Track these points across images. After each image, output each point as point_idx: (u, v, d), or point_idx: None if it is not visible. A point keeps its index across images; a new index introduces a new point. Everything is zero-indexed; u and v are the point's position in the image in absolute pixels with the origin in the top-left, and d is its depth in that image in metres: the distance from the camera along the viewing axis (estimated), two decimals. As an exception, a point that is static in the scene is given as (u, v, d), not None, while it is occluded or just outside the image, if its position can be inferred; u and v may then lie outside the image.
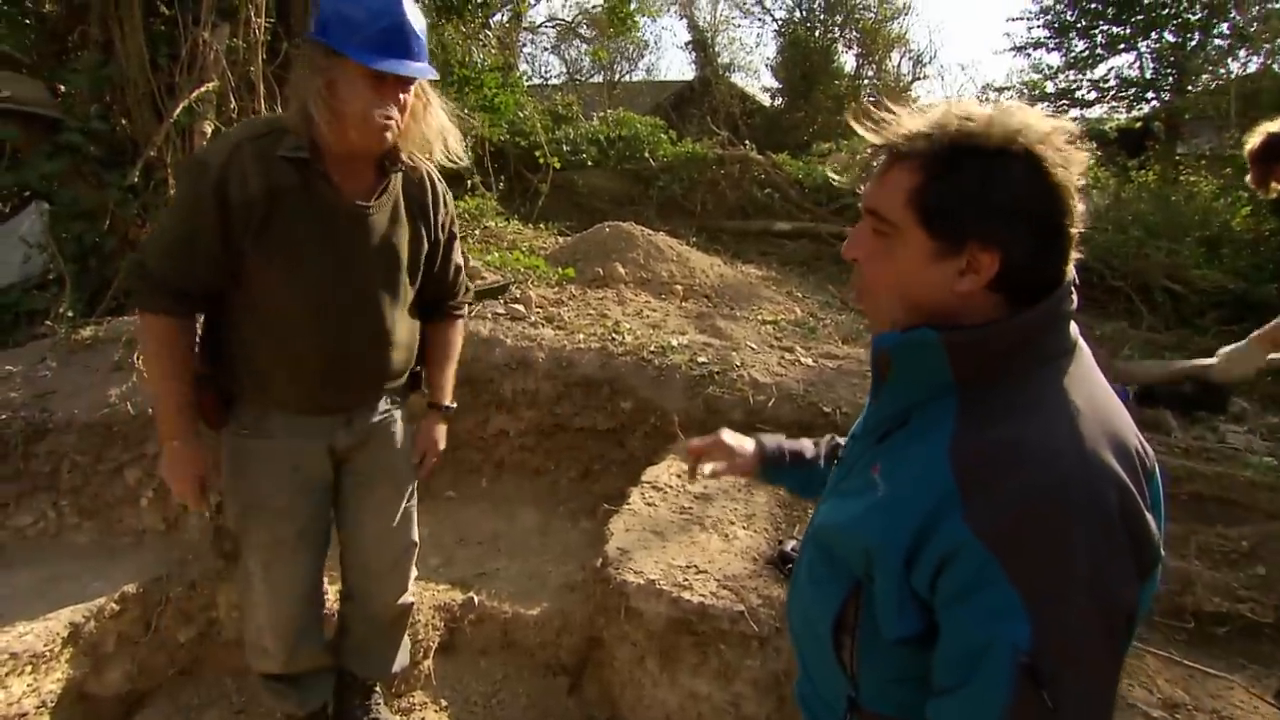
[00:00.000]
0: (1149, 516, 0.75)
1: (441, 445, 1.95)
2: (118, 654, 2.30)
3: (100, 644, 2.25)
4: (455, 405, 1.98)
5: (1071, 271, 0.81)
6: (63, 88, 3.58)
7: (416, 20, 1.50)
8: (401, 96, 1.49)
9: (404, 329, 1.73)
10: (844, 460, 1.00)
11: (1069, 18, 11.09)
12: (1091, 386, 0.81)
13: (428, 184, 1.72)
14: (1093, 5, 10.69)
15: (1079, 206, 0.77)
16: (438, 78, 1.58)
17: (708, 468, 1.27)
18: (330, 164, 1.53)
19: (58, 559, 2.46)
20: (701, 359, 3.42)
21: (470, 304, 1.90)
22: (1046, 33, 11.38)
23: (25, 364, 2.83)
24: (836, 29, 13.62)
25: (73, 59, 3.59)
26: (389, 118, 1.47)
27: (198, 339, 1.70)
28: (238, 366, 1.64)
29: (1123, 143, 9.82)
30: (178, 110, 3.23)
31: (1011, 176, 0.75)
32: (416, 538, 1.97)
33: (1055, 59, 11.54)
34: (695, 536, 2.47)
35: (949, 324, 0.80)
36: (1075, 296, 0.82)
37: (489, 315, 3.61)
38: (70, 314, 3.17)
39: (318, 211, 1.54)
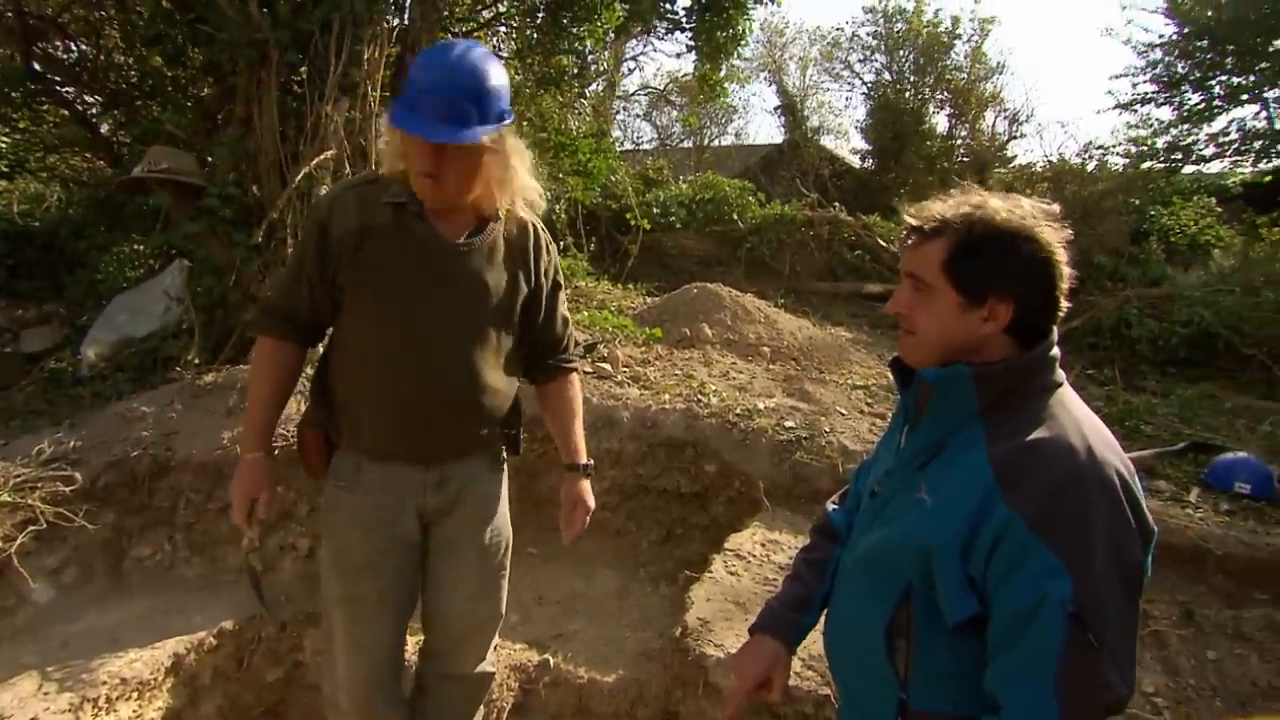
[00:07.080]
0: (1141, 499, 0.98)
1: (590, 504, 1.87)
2: (213, 688, 2.40)
3: (198, 676, 2.36)
4: (592, 462, 1.93)
5: (1055, 329, 1.07)
6: (209, 158, 4.00)
7: (471, 87, 1.50)
8: (447, 156, 1.51)
9: (494, 374, 1.71)
10: (879, 495, 1.17)
11: (1180, 70, 10.49)
12: (1083, 409, 1.05)
13: (530, 232, 1.74)
14: (1209, 56, 10.09)
15: (1066, 270, 1.03)
16: (466, 142, 1.51)
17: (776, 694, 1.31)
18: (429, 210, 1.62)
19: (169, 590, 2.62)
20: (789, 423, 3.34)
21: (580, 357, 1.88)
22: (1154, 87, 10.80)
23: (157, 405, 3.08)
24: (928, 90, 13.47)
25: (219, 134, 4.00)
26: (427, 176, 1.55)
27: (309, 382, 1.79)
28: (338, 410, 1.70)
29: (1249, 198, 9.16)
30: (299, 176, 3.54)
31: (1019, 250, 1.01)
32: (503, 609, 1.91)
33: (1166, 113, 10.89)
34: (779, 610, 2.36)
35: (974, 360, 1.05)
36: (1058, 346, 1.07)
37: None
38: (197, 361, 3.46)
39: (412, 245, 1.61)
